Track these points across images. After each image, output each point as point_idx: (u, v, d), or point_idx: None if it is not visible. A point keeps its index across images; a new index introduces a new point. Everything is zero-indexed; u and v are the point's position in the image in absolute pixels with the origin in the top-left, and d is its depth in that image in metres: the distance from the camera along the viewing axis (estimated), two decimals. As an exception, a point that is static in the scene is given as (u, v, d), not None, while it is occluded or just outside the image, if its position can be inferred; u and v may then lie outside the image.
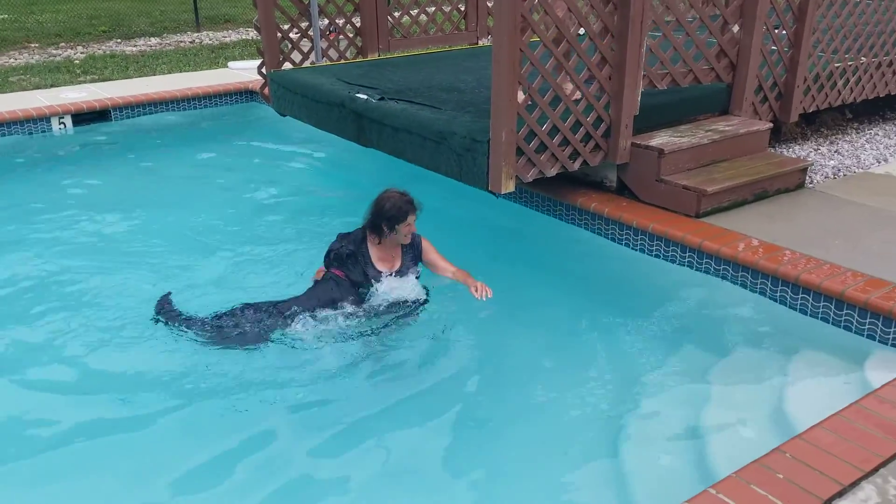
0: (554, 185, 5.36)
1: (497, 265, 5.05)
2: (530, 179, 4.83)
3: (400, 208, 4.32)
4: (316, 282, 4.46)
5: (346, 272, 4.38)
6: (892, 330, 3.79)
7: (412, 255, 4.55)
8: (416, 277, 4.51)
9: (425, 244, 4.60)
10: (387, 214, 4.31)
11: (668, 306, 4.47)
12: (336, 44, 7.27)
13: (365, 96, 5.58)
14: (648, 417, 3.53)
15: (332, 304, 4.28)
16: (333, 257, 4.42)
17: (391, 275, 4.45)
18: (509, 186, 4.67)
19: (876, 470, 2.69)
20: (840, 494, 2.58)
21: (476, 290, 4.29)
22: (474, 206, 5.67)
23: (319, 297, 4.31)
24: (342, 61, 7.14)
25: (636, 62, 4.90)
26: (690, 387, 3.72)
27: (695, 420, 3.45)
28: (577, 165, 5.03)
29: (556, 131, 4.81)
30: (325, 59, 7.12)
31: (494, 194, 4.76)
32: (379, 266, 4.45)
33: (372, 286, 4.40)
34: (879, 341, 3.83)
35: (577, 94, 4.86)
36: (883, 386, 3.20)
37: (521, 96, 4.52)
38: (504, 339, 4.27)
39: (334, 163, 7.23)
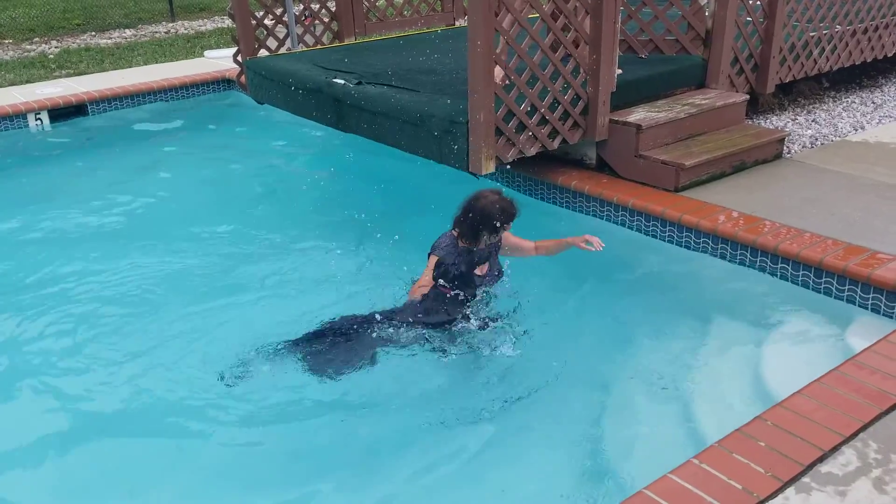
0: (534, 165, 5.37)
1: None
2: (511, 160, 4.84)
3: (506, 211, 3.90)
4: (425, 297, 3.99)
5: (454, 287, 3.97)
6: (870, 296, 3.84)
7: (494, 248, 4.12)
8: (503, 273, 4.20)
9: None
10: (493, 219, 3.86)
11: (650, 280, 4.50)
12: (312, 29, 7.21)
13: (343, 81, 5.55)
14: (630, 389, 3.57)
15: (446, 322, 3.94)
16: (442, 272, 3.96)
17: (488, 278, 4.09)
18: (490, 167, 4.68)
19: (856, 434, 2.74)
20: (821, 460, 2.63)
21: (587, 244, 3.96)
22: (455, 188, 5.67)
23: (433, 316, 3.94)
24: (318, 47, 7.09)
25: (611, 38, 4.90)
26: (672, 358, 3.75)
27: (676, 390, 3.50)
28: (556, 144, 5.05)
29: (535, 110, 4.82)
30: (301, 44, 7.07)
31: (475, 176, 4.77)
32: (478, 271, 4.03)
33: (476, 296, 4.04)
34: (859, 306, 3.89)
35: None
36: (861, 351, 3.25)
37: (498, 73, 4.52)
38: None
39: (316, 149, 7.20)
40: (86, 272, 4.84)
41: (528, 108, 4.76)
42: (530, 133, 4.85)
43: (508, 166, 5.13)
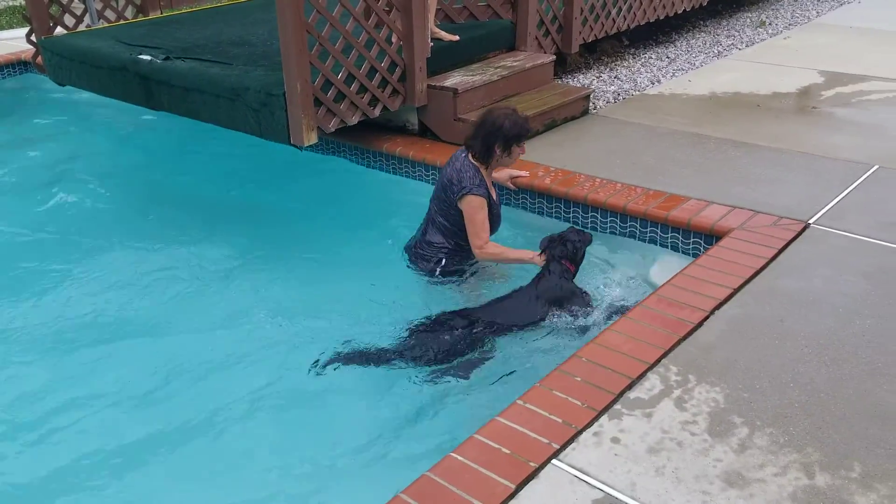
0: (358, 133, 5.40)
1: (312, 220, 5.05)
2: (333, 129, 4.84)
3: (520, 125, 3.92)
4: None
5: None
6: (668, 235, 4.21)
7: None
8: None
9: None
10: (507, 133, 3.87)
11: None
12: (113, 3, 6.78)
13: (149, 57, 5.29)
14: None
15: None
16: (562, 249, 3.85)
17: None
18: (312, 138, 4.66)
19: (658, 361, 3.02)
20: (629, 387, 2.89)
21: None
22: (278, 160, 5.61)
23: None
24: (121, 22, 6.69)
25: (422, 4, 4.98)
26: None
27: (507, 345, 3.69)
28: (377, 112, 5.09)
29: (353, 79, 4.83)
30: (101, 20, 6.64)
31: (298, 147, 4.73)
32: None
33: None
34: (660, 246, 4.26)
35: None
36: (662, 286, 3.56)
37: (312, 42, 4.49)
38: (331, 291, 4.29)
39: (128, 129, 6.81)
40: None
41: (346, 77, 4.77)
42: (350, 102, 4.86)
43: (332, 136, 5.12)
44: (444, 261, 4.08)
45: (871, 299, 3.35)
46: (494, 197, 4.09)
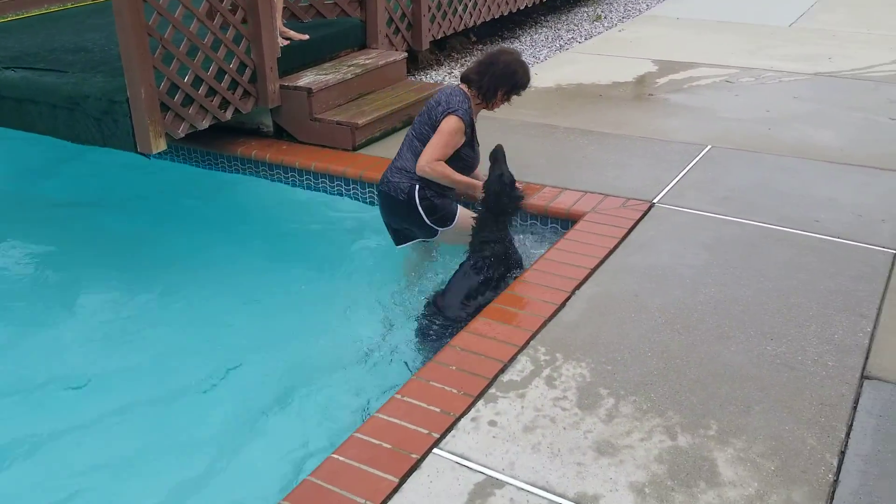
0: (211, 138, 5.23)
1: (167, 231, 4.85)
2: (182, 135, 4.67)
3: (528, 77, 3.93)
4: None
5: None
6: (528, 222, 4.36)
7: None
8: None
9: None
10: (518, 82, 3.87)
11: (345, 237, 4.64)
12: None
13: (-28, 67, 4.90)
14: (322, 352, 3.71)
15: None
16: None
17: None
18: (160, 145, 4.47)
19: (527, 343, 3.13)
20: (502, 370, 2.98)
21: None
22: (122, 172, 5.36)
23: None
24: (-65, 29, 6.14)
25: (268, 4, 4.90)
26: (365, 317, 3.94)
27: (378, 336, 3.71)
28: (229, 115, 4.96)
29: (201, 82, 4.67)
30: (-89, 27, 6.06)
31: (146, 156, 4.53)
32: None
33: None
34: (520, 232, 4.39)
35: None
36: (526, 270, 3.69)
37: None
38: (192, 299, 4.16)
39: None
40: None
41: (193, 80, 4.61)
42: (199, 105, 4.70)
43: (182, 142, 4.94)
44: (417, 188, 3.85)
45: (713, 269, 3.62)
46: (476, 140, 4.04)
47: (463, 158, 3.94)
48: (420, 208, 3.86)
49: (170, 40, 4.41)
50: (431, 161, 3.80)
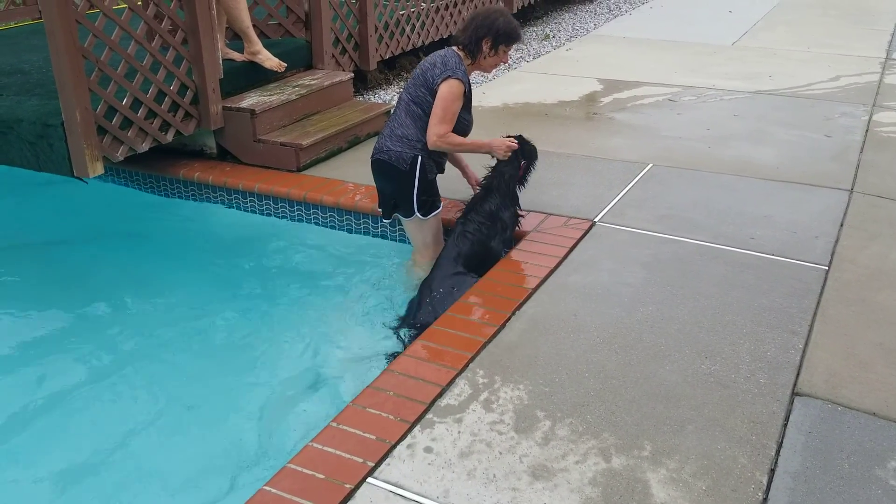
0: (152, 160, 5.16)
1: (105, 255, 4.75)
2: (121, 158, 4.59)
3: (513, 26, 3.85)
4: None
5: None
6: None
7: None
8: None
9: None
10: (499, 29, 3.80)
11: (290, 260, 4.60)
12: None
13: None
14: (276, 365, 3.67)
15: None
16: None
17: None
18: (97, 169, 4.39)
19: (466, 366, 3.12)
20: (440, 395, 2.96)
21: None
22: (61, 194, 5.24)
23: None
24: None
25: (209, 25, 4.85)
26: (311, 334, 3.90)
27: (314, 362, 3.67)
28: (170, 137, 4.89)
29: (140, 104, 4.61)
30: None
31: (83, 180, 4.44)
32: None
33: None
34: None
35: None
36: (467, 292, 3.69)
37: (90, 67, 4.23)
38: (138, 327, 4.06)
39: None
40: None
41: (132, 102, 4.54)
42: (139, 128, 4.63)
43: (123, 165, 4.86)
44: (420, 159, 3.86)
45: (651, 287, 3.66)
46: (472, 101, 4.02)
47: (460, 122, 3.95)
48: (416, 180, 3.88)
49: (106, 62, 4.35)
50: (441, 134, 3.83)
